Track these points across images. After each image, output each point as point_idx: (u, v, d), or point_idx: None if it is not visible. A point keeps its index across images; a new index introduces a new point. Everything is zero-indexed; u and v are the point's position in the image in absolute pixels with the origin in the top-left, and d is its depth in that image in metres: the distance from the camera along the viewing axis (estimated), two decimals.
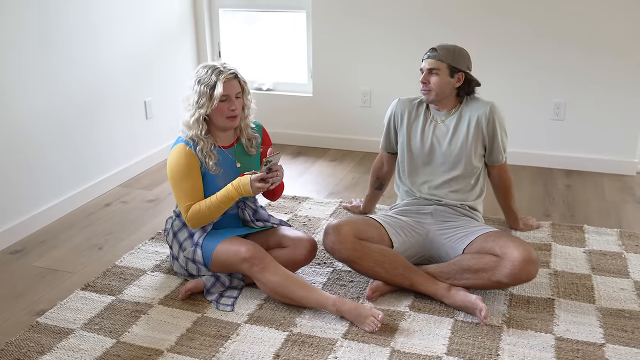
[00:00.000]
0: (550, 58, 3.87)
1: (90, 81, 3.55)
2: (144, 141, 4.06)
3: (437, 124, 2.67)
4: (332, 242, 2.46)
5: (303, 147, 4.54)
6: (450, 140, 2.63)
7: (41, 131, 3.24)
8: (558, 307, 2.43)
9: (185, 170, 2.41)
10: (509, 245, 2.32)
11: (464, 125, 2.63)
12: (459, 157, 2.63)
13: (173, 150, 2.45)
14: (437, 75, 2.57)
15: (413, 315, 2.38)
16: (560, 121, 3.98)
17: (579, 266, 2.75)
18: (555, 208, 3.43)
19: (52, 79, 3.28)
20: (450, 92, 2.62)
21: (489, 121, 2.60)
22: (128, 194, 3.69)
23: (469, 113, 2.63)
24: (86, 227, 3.26)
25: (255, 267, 2.38)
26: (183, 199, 2.42)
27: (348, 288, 2.57)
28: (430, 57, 2.59)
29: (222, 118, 2.42)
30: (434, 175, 2.68)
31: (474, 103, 2.65)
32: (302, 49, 4.50)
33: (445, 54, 2.57)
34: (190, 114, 2.42)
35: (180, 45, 4.39)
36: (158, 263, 2.81)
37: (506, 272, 2.29)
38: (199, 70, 2.43)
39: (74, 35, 3.40)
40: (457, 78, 2.59)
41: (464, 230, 2.50)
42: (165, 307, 2.47)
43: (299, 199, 3.53)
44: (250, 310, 2.43)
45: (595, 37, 3.76)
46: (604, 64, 3.79)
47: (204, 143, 2.43)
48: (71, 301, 2.51)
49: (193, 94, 2.40)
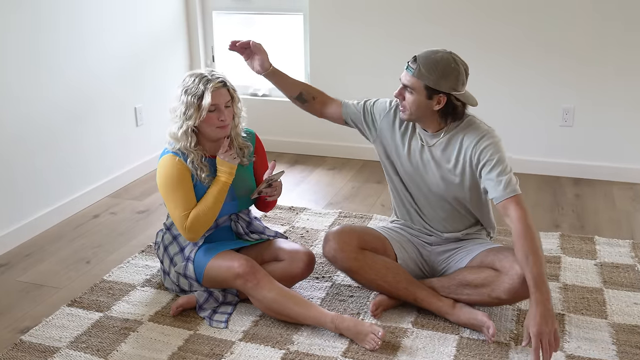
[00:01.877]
0: (559, 62, 3.87)
1: (79, 87, 3.54)
2: (134, 149, 4.05)
3: (423, 146, 2.40)
4: (333, 249, 2.43)
5: (300, 155, 4.53)
6: (436, 171, 2.38)
7: (27, 139, 3.23)
8: (568, 323, 2.42)
9: (177, 181, 2.39)
10: (509, 258, 2.25)
11: (452, 157, 2.34)
12: (448, 192, 2.39)
13: (161, 162, 2.44)
14: (412, 94, 2.28)
15: (416, 332, 2.36)
16: (568, 127, 3.97)
17: (589, 279, 2.74)
18: (564, 218, 3.42)
19: (40, 84, 3.27)
20: (430, 115, 2.31)
21: (472, 159, 2.29)
22: (117, 205, 3.68)
23: (459, 142, 2.32)
24: (73, 239, 3.24)
25: (249, 283, 2.36)
26: (178, 209, 2.40)
27: (348, 303, 2.56)
28: (407, 70, 2.28)
29: (211, 128, 2.41)
30: (425, 207, 2.49)
31: (467, 131, 2.32)
32: (299, 53, 4.50)
33: (425, 71, 2.23)
34: (177, 125, 2.39)
35: (172, 49, 4.39)
36: (148, 278, 2.79)
37: (505, 288, 2.24)
38: (185, 79, 2.41)
39: (62, 39, 3.39)
40: (436, 100, 2.27)
41: (466, 247, 2.48)
42: (156, 324, 2.45)
43: (296, 209, 3.52)
44: (245, 327, 2.41)
45: (605, 41, 3.76)
46: (614, 67, 3.79)
47: (194, 155, 2.41)
48: (57, 318, 2.49)
49: (180, 105, 2.38)
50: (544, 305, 2.04)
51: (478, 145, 2.27)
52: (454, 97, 2.27)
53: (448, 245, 2.51)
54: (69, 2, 3.44)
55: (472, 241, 2.49)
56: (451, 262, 2.47)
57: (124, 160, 3.97)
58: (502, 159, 2.25)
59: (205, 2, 4.56)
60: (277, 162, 4.34)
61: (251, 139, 2.61)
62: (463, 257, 2.44)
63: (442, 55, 2.25)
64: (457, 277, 2.38)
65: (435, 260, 2.53)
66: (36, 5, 3.22)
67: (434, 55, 2.25)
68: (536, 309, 2.04)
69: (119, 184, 3.91)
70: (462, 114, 2.34)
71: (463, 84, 2.28)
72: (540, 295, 2.05)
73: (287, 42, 4.58)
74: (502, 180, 2.21)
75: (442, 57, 2.24)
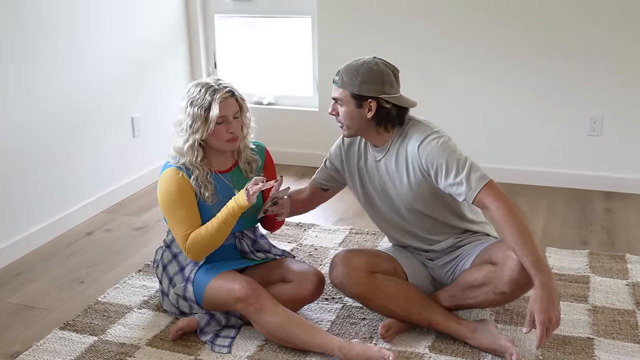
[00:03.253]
0: (586, 66, 3.87)
1: (75, 95, 3.58)
2: (131, 162, 4.08)
3: (376, 162, 2.44)
4: (341, 275, 2.44)
5: (308, 167, 4.54)
6: (394, 185, 2.41)
7: (20, 150, 3.26)
8: (598, 348, 2.40)
9: (179, 197, 2.41)
10: (502, 248, 2.27)
11: (402, 166, 2.37)
12: (415, 205, 2.40)
13: (163, 176, 2.45)
14: (342, 105, 2.34)
15: (434, 357, 2.36)
16: (597, 137, 3.97)
17: (621, 301, 2.72)
18: (593, 235, 3.41)
19: (36, 91, 3.32)
20: (366, 124, 2.35)
21: (421, 168, 2.31)
22: (113, 221, 3.70)
23: (405, 150, 2.35)
24: (66, 258, 3.26)
25: (250, 307, 2.36)
26: (180, 227, 2.41)
27: (360, 327, 2.55)
28: (334, 83, 2.35)
29: (220, 142, 2.42)
30: (405, 227, 2.51)
31: (409, 136, 2.35)
32: (307, 58, 4.53)
33: (347, 79, 2.30)
34: (183, 139, 2.40)
35: (172, 55, 4.43)
36: (146, 299, 2.80)
37: (505, 280, 2.24)
38: (190, 89, 2.42)
39: (60, 44, 3.44)
40: (366, 107, 2.31)
41: (466, 251, 2.48)
42: (154, 348, 2.45)
43: (304, 226, 3.53)
44: (250, 352, 2.41)
45: (636, 44, 3.77)
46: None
47: (199, 172, 2.42)
48: (49, 342, 2.50)
49: (186, 118, 2.39)
50: (549, 287, 2.06)
51: (421, 152, 2.30)
52: (383, 100, 2.30)
53: (447, 257, 2.53)
54: (66, 6, 3.48)
55: (469, 245, 2.49)
56: (456, 271, 2.49)
57: (120, 174, 3.99)
58: (451, 159, 2.25)
59: (206, 5, 4.61)
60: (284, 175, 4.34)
61: (260, 152, 2.62)
62: (465, 262, 2.45)
63: (363, 61, 2.32)
64: (460, 282, 2.40)
65: (440, 274, 2.55)
66: (33, 9, 3.26)
67: (355, 63, 2.33)
68: (541, 292, 2.05)
69: (115, 199, 3.94)
70: (400, 118, 2.37)
71: (392, 85, 2.32)
72: (543, 277, 2.07)
73: (294, 47, 4.61)
74: (461, 180, 2.21)
75: (364, 62, 2.32)
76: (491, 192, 2.19)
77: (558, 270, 2.96)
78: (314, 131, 4.53)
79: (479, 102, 4.12)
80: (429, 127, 2.36)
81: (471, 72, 4.09)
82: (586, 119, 3.96)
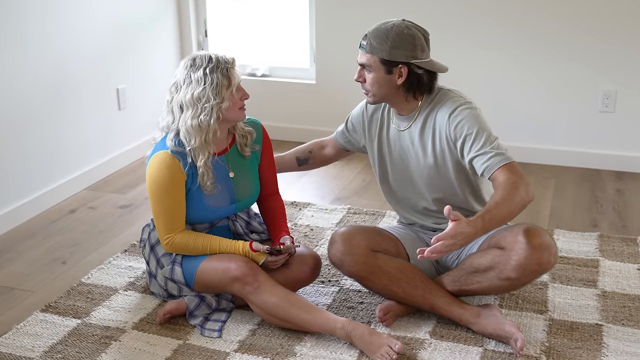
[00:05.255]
0: (598, 38, 3.86)
1: (54, 64, 3.55)
2: (117, 136, 4.06)
3: (399, 132, 2.47)
4: (340, 252, 2.45)
5: (304, 143, 4.53)
6: (417, 157, 2.44)
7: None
8: (607, 335, 2.42)
9: (170, 186, 2.40)
10: (512, 232, 2.28)
11: (428, 136, 2.39)
12: (436, 181, 2.44)
13: (155, 160, 2.42)
14: (370, 72, 2.34)
15: (435, 343, 2.37)
16: (610, 113, 3.97)
17: (632, 286, 2.74)
18: (604, 217, 3.42)
19: (13, 57, 3.29)
20: (395, 92, 2.36)
21: (449, 136, 2.33)
22: (97, 198, 3.70)
23: (434, 119, 2.38)
24: (47, 237, 3.26)
25: (248, 286, 2.37)
26: (164, 217, 2.42)
27: (357, 311, 2.57)
28: (360, 48, 2.35)
29: (234, 111, 2.42)
30: (416, 202, 2.54)
31: (440, 105, 2.37)
32: (304, 27, 4.50)
33: (376, 44, 2.30)
34: (204, 114, 2.34)
35: (160, 23, 4.39)
36: (132, 280, 2.81)
37: (512, 265, 2.25)
38: (195, 61, 2.38)
39: (37, 11, 3.40)
40: (397, 73, 2.32)
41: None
42: (141, 332, 2.46)
43: (300, 205, 3.53)
44: (241, 336, 2.43)
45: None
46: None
47: (208, 154, 2.40)
48: (29, 325, 2.51)
49: (207, 88, 2.34)
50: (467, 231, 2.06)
51: (451, 120, 2.31)
52: (414, 66, 2.31)
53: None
54: None
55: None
56: (462, 255, 2.50)
57: (105, 149, 3.98)
58: (482, 129, 2.28)
59: None
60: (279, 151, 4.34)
61: (257, 130, 2.62)
62: (472, 246, 2.46)
63: (393, 24, 2.31)
64: (465, 266, 2.41)
65: (445, 257, 2.56)
66: None
67: (384, 26, 2.32)
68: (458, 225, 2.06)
69: (100, 175, 3.93)
70: (431, 85, 2.38)
71: (423, 50, 2.32)
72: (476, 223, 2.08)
73: (290, 16, 4.58)
74: (486, 152, 2.24)
75: (394, 25, 2.31)
76: (510, 170, 2.21)
77: (566, 254, 2.97)
78: (311, 105, 4.51)
79: (486, 77, 4.10)
80: (462, 97, 2.38)
81: (479, 45, 4.06)
82: (598, 94, 3.96)
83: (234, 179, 2.52)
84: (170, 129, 2.43)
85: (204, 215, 2.49)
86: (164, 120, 2.46)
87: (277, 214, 2.66)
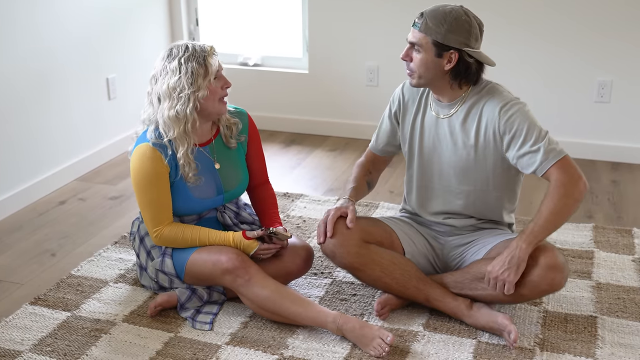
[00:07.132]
0: (594, 29, 3.86)
1: (43, 53, 3.53)
2: (107, 126, 4.05)
3: (438, 118, 2.45)
4: (332, 243, 2.44)
5: (297, 134, 4.53)
6: (452, 147, 2.41)
7: None
8: (601, 327, 2.43)
9: (154, 178, 2.40)
10: None
11: (471, 127, 2.36)
12: (468, 173, 2.41)
13: (138, 152, 2.43)
14: (419, 52, 2.31)
15: (428, 335, 2.38)
16: (605, 104, 3.98)
17: (626, 277, 2.75)
18: (598, 208, 3.43)
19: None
20: (441, 76, 2.34)
21: (496, 131, 2.31)
22: (87, 190, 3.69)
23: (480, 112, 2.35)
24: (36, 229, 3.25)
25: (239, 279, 2.37)
26: (150, 209, 2.43)
27: (350, 303, 2.57)
28: (414, 27, 2.31)
29: (214, 102, 2.41)
30: (439, 191, 2.50)
31: (488, 98, 2.35)
32: (297, 16, 4.49)
33: (432, 24, 2.26)
34: (180, 103, 2.34)
35: (150, 11, 4.38)
36: (122, 272, 2.80)
37: (524, 281, 2.26)
38: (173, 51, 2.37)
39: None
40: (446, 58, 2.29)
41: (483, 238, 2.48)
42: (131, 325, 2.46)
43: (292, 196, 3.53)
44: (233, 329, 2.43)
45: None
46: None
47: (187, 145, 2.39)
48: (18, 318, 2.51)
49: (182, 78, 2.33)
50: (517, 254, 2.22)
51: (502, 114, 2.30)
52: (466, 54, 2.29)
53: (463, 238, 2.52)
54: None
55: (490, 232, 2.50)
56: (466, 256, 2.49)
57: (95, 139, 3.97)
58: (532, 126, 2.27)
59: None
60: (271, 142, 4.35)
61: (243, 119, 2.61)
62: (479, 250, 2.45)
63: (451, 8, 2.30)
64: (472, 270, 2.40)
65: (448, 254, 2.54)
66: None
67: (442, 8, 2.30)
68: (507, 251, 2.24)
69: (89, 166, 3.92)
70: (477, 76, 2.37)
71: (477, 39, 2.32)
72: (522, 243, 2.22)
73: (282, 4, 4.57)
74: (539, 148, 2.24)
75: (452, 10, 2.29)
76: (565, 167, 2.23)
77: (561, 245, 2.98)
78: (303, 95, 4.51)
79: None
80: (511, 94, 2.37)
81: None
82: (594, 84, 3.96)
83: (220, 170, 2.52)
84: (151, 121, 2.43)
85: (191, 207, 2.49)
86: (145, 112, 2.45)
87: (268, 204, 2.66)
